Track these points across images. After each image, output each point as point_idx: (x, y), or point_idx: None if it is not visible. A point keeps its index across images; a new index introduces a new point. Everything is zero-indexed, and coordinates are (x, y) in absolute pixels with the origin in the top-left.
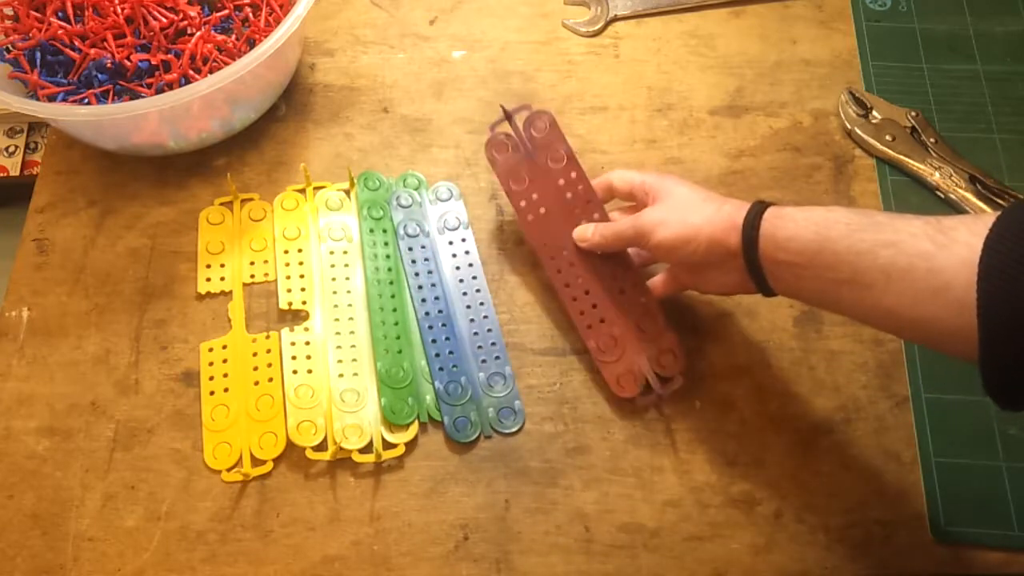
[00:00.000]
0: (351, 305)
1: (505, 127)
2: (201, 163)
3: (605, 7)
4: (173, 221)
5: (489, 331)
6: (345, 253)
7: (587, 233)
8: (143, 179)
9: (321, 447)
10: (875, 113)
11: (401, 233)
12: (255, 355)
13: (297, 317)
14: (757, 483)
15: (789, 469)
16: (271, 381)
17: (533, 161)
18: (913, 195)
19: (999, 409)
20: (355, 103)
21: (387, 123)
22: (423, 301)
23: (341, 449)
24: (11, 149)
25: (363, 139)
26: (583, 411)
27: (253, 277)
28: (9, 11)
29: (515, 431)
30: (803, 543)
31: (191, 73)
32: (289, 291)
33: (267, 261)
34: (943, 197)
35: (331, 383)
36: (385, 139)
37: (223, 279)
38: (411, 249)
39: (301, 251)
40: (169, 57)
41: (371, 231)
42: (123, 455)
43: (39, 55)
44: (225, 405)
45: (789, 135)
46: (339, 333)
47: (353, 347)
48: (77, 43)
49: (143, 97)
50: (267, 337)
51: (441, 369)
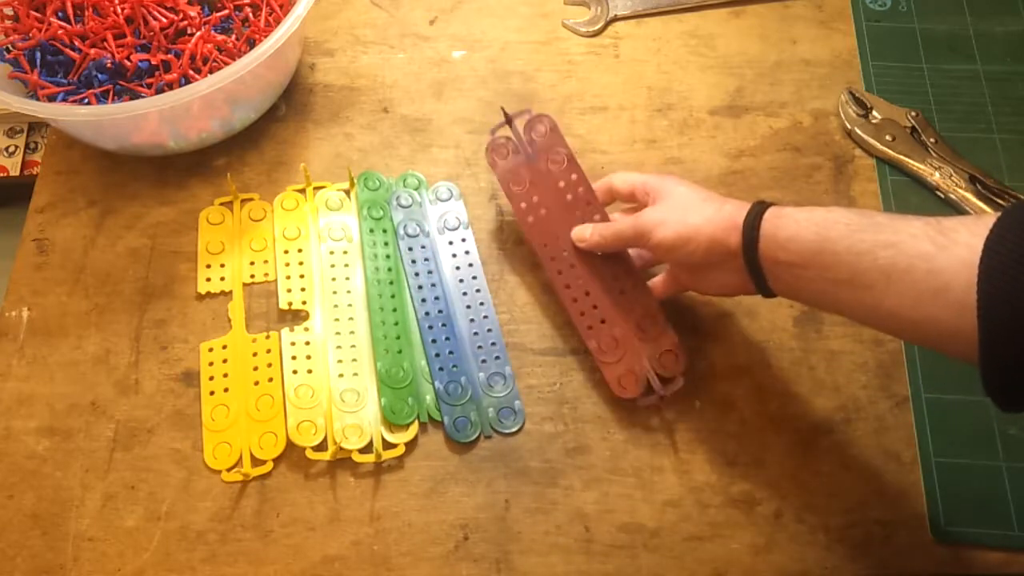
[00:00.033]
0: (351, 305)
1: (506, 131)
2: (201, 163)
3: (605, 7)
4: (173, 221)
5: (489, 331)
6: (345, 253)
7: (585, 234)
8: (143, 179)
9: (321, 447)
10: (875, 113)
11: (401, 233)
12: (255, 355)
13: (297, 317)
14: (757, 483)
15: (789, 469)
16: (271, 381)
17: (533, 164)
18: (913, 195)
19: (999, 411)
20: (355, 103)
21: (387, 123)
22: (423, 301)
23: (341, 449)
24: (11, 149)
25: (363, 139)
26: (583, 411)
27: (253, 277)
28: (9, 11)
29: (515, 431)
30: (803, 543)
31: (191, 73)
32: (289, 291)
33: (267, 261)
34: (943, 197)
35: (331, 383)
36: (385, 139)
37: (223, 279)
38: (411, 249)
39: (301, 251)
40: (169, 57)
41: (371, 231)
42: (123, 455)
43: (39, 55)
44: (225, 405)
45: (789, 135)
46: (339, 333)
47: (353, 347)
48: (77, 43)
49: (143, 97)
50: (267, 337)
51: (441, 369)
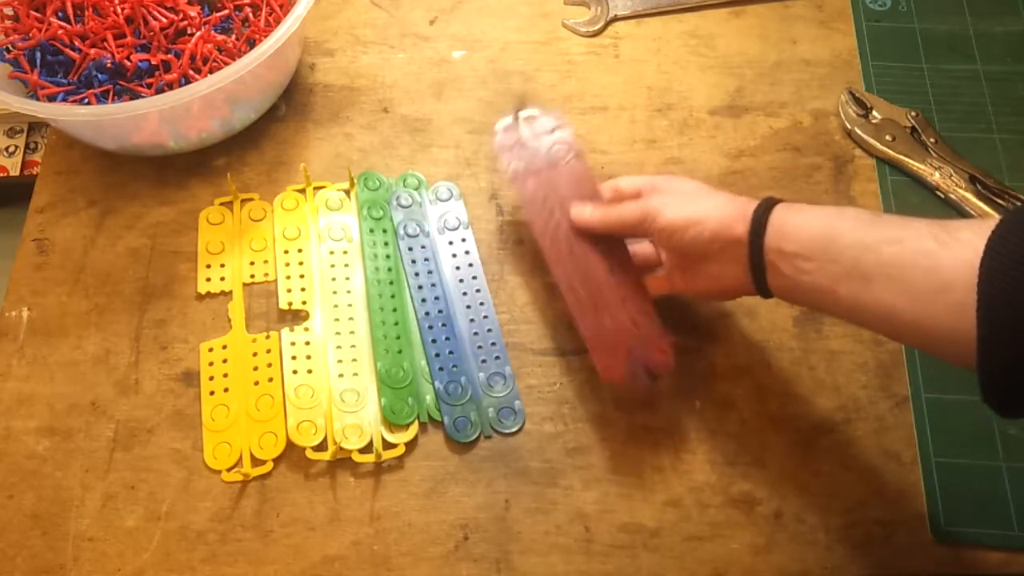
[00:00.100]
0: (351, 305)
1: (513, 129)
2: (201, 163)
3: (605, 7)
4: (173, 221)
5: (489, 331)
6: (345, 253)
7: (585, 212)
8: (143, 179)
9: (321, 447)
10: (875, 113)
11: (401, 233)
12: (255, 355)
13: (297, 317)
14: (757, 483)
15: (789, 469)
16: (271, 381)
17: (540, 158)
18: (913, 195)
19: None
20: (355, 103)
21: (387, 123)
22: (423, 301)
23: (341, 449)
24: (11, 149)
25: (363, 139)
26: (583, 411)
27: (253, 277)
28: (9, 11)
29: (515, 431)
30: (803, 543)
31: (191, 73)
32: (289, 291)
33: (267, 261)
34: (943, 197)
35: (331, 383)
36: (385, 139)
37: (223, 279)
38: (411, 249)
39: (301, 251)
40: (169, 57)
41: (371, 231)
42: (123, 455)
43: (39, 55)
44: (225, 405)
45: (789, 135)
46: (339, 333)
47: (353, 347)
48: (77, 43)
49: (143, 97)
50: (267, 337)
51: (441, 369)
